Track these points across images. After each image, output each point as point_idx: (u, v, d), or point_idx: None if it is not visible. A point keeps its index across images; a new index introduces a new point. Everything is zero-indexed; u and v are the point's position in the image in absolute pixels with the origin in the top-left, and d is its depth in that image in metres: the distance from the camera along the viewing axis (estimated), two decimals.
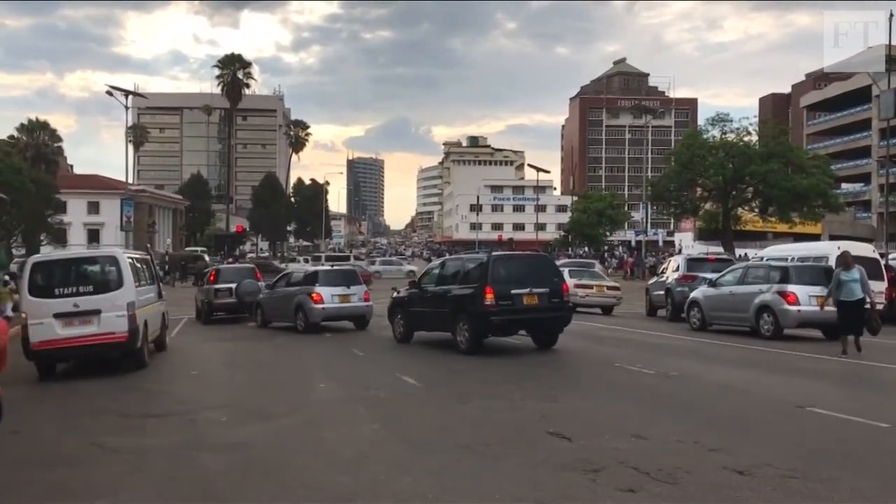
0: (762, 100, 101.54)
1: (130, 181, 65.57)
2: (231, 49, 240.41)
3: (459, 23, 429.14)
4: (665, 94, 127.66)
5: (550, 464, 6.03)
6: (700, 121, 67.56)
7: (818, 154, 51.72)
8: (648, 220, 64.70)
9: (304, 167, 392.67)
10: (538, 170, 74.64)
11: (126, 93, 43.66)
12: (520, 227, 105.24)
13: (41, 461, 6.84)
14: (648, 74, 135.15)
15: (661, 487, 5.36)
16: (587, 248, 70.24)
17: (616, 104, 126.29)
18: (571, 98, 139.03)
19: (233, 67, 79.48)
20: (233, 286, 21.63)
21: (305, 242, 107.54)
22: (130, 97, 44.43)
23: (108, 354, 12.14)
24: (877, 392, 9.77)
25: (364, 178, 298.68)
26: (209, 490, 5.77)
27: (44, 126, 61.98)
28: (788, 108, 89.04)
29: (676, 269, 21.36)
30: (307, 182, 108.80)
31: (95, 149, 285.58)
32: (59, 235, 50.93)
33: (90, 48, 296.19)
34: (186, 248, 72.47)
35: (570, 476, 5.68)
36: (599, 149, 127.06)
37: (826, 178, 42.85)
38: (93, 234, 66.17)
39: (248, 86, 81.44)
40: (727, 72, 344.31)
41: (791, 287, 15.31)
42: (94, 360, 12.47)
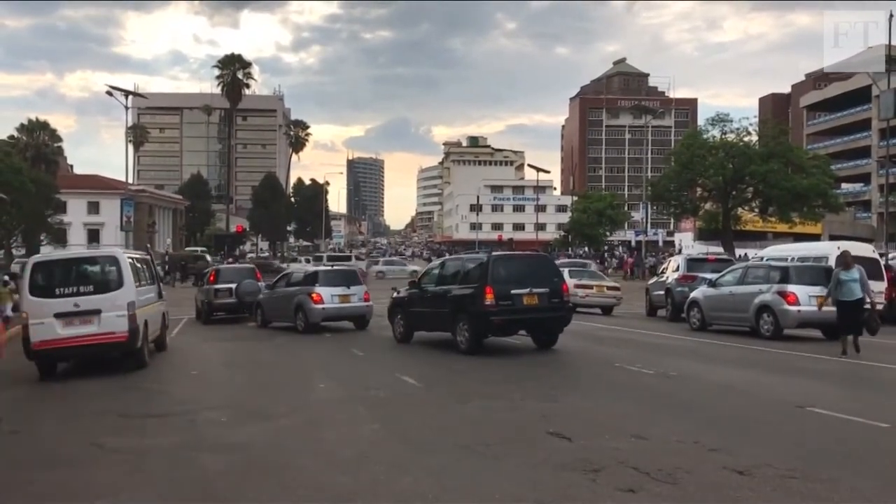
0: (762, 100, 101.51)
1: (130, 181, 65.58)
2: (231, 49, 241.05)
3: (459, 23, 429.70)
4: (665, 95, 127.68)
5: (550, 464, 6.03)
6: (700, 121, 67.65)
7: (818, 154, 51.70)
8: (648, 220, 64.73)
9: (304, 167, 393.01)
10: (538, 170, 74.66)
11: (126, 93, 43.68)
12: (520, 227, 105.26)
13: (41, 461, 6.84)
14: (648, 74, 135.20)
15: (661, 487, 5.37)
16: (587, 249, 70.27)
17: (616, 104, 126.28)
18: (571, 98, 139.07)
19: (233, 67, 79.47)
20: (233, 286, 21.65)
21: (305, 242, 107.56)
22: (130, 97, 44.44)
23: (109, 354, 12.18)
24: (877, 392, 9.77)
25: (364, 178, 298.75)
26: (209, 490, 5.77)
27: (44, 126, 62.03)
28: (788, 108, 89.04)
29: (676, 270, 21.37)
30: (307, 182, 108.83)
31: (95, 149, 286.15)
32: (59, 235, 50.93)
33: (90, 48, 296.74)
34: (186, 249, 72.50)
35: (570, 476, 5.69)
36: (599, 149, 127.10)
37: (826, 179, 42.83)
38: (93, 234, 66.20)
39: (248, 86, 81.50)
40: (727, 72, 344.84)
41: (791, 287, 15.32)
42: (95, 360, 12.50)
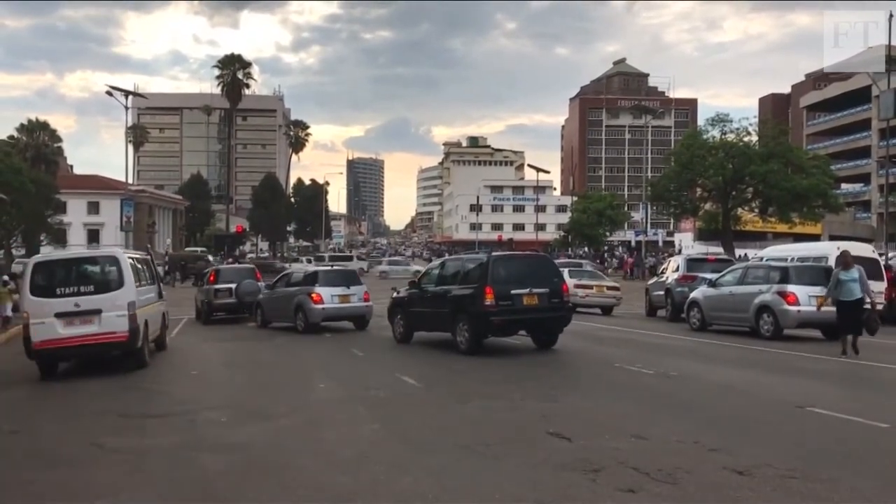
0: (762, 100, 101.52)
1: (130, 181, 65.63)
2: (231, 49, 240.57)
3: (459, 23, 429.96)
4: (665, 95, 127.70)
5: (550, 464, 6.03)
6: (700, 121, 67.67)
7: (818, 154, 51.67)
8: (648, 221, 64.78)
9: (304, 167, 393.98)
10: (538, 170, 74.64)
11: (126, 93, 43.68)
12: (520, 228, 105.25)
13: (41, 461, 6.84)
14: (648, 75, 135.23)
15: (661, 487, 5.37)
16: (587, 249, 70.27)
17: (616, 104, 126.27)
18: (571, 98, 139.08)
19: (233, 67, 79.47)
20: (232, 286, 21.66)
21: (305, 243, 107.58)
22: (130, 97, 44.45)
23: (109, 354, 12.21)
24: (877, 392, 9.77)
25: (364, 179, 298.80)
26: (209, 490, 5.77)
27: (44, 126, 62.02)
28: (788, 109, 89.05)
29: (676, 270, 21.37)
30: (307, 182, 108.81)
31: (95, 149, 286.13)
32: (59, 236, 50.83)
33: (90, 48, 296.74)
34: (186, 249, 72.50)
35: (570, 476, 5.69)
36: (599, 149, 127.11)
37: (826, 179, 42.80)
38: (93, 235, 66.20)
39: (248, 86, 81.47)
40: (727, 72, 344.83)
41: (791, 287, 15.31)
42: (95, 360, 12.51)
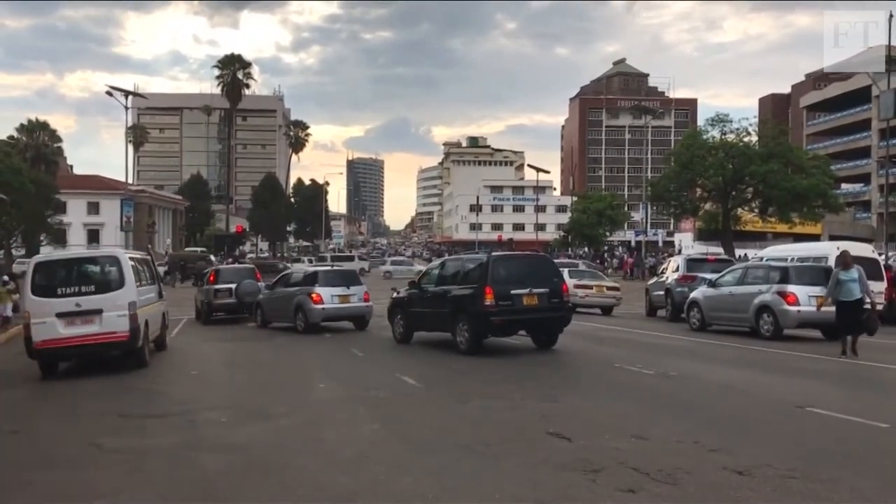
0: (762, 100, 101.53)
1: (130, 181, 65.70)
2: (231, 49, 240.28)
3: (459, 23, 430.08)
4: (665, 95, 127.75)
5: (550, 464, 6.03)
6: (700, 121, 67.66)
7: (818, 154, 51.66)
8: (648, 221, 64.80)
9: (304, 167, 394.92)
10: (538, 170, 74.65)
11: (126, 93, 43.70)
12: (520, 228, 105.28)
13: (41, 461, 6.84)
14: (648, 75, 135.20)
15: (661, 488, 5.37)
16: (587, 249, 70.26)
17: (616, 104, 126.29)
18: (571, 98, 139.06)
19: (233, 68, 79.49)
20: (232, 287, 21.65)
21: (305, 243, 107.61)
22: (130, 97, 44.47)
23: (110, 353, 12.23)
24: (876, 392, 9.77)
25: (364, 179, 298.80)
26: (209, 490, 5.77)
27: (44, 126, 62.08)
28: (788, 109, 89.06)
29: (676, 270, 21.37)
30: (307, 182, 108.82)
31: (95, 149, 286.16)
32: (59, 236, 50.85)
33: (90, 48, 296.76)
34: (186, 249, 72.50)
35: (570, 476, 5.69)
36: (599, 149, 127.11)
37: (826, 179, 42.79)
38: (93, 235, 66.24)
39: (248, 86, 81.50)
40: (727, 72, 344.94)
41: (791, 287, 15.31)
42: (95, 360, 12.52)
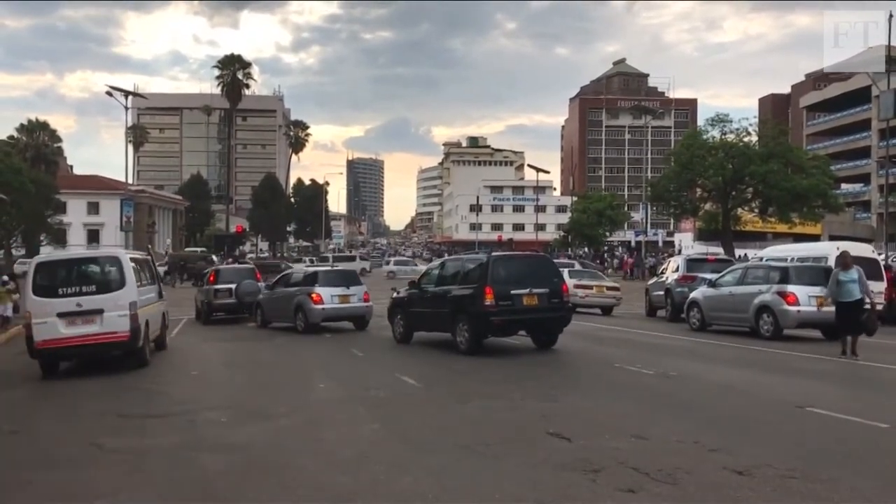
0: (762, 100, 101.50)
1: (130, 181, 65.69)
2: (231, 49, 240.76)
3: (459, 23, 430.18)
4: (665, 95, 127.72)
5: (550, 464, 6.03)
6: (700, 121, 67.69)
7: (818, 154, 51.65)
8: (648, 221, 64.81)
9: (304, 167, 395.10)
10: (538, 170, 74.64)
11: (126, 93, 43.69)
12: (520, 228, 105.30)
13: (41, 461, 6.84)
14: (648, 75, 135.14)
15: (661, 488, 5.37)
16: (587, 249, 70.25)
17: (616, 105, 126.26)
18: (571, 98, 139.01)
19: (232, 68, 79.50)
20: (232, 287, 21.64)
21: (305, 243, 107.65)
22: (130, 97, 44.45)
23: (111, 353, 12.25)
24: (876, 392, 9.77)
25: (364, 179, 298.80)
26: (209, 490, 5.77)
27: (43, 126, 62.11)
28: (788, 109, 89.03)
29: (676, 270, 21.37)
30: (307, 182, 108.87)
31: (95, 149, 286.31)
32: (59, 236, 50.89)
33: (90, 48, 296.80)
34: (186, 249, 72.50)
35: (570, 476, 5.69)
36: (599, 149, 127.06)
37: (826, 179, 42.79)
38: (93, 235, 66.20)
39: (248, 86, 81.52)
40: (727, 72, 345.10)
41: (791, 287, 15.31)
42: (95, 360, 12.54)
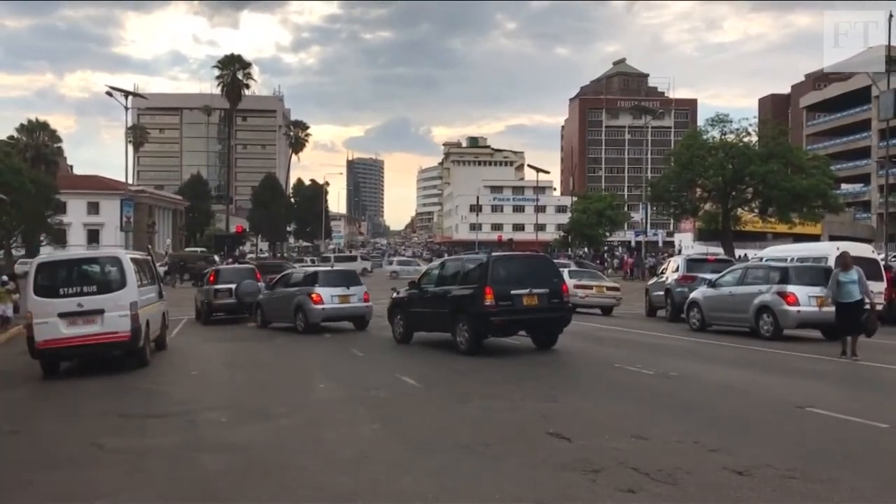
0: (762, 100, 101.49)
1: (130, 182, 65.75)
2: (231, 49, 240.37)
3: (459, 23, 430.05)
4: (665, 95, 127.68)
5: (550, 464, 6.03)
6: (700, 121, 67.72)
7: (818, 155, 51.63)
8: (648, 221, 64.81)
9: (304, 167, 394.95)
10: (538, 170, 74.68)
11: (126, 93, 43.79)
12: (520, 228, 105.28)
13: (41, 461, 6.84)
14: (648, 75, 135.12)
15: (661, 488, 5.37)
16: (587, 249, 70.25)
17: (616, 105, 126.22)
18: (571, 98, 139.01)
19: (232, 68, 79.51)
20: (232, 287, 21.64)
21: (305, 243, 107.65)
22: (130, 98, 44.58)
23: (111, 353, 12.28)
24: (876, 392, 9.78)
25: (364, 179, 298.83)
26: (209, 490, 5.77)
27: (43, 126, 62.11)
28: (788, 109, 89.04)
29: (676, 270, 21.38)
30: (307, 182, 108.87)
31: (95, 149, 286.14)
32: (59, 236, 50.89)
33: (90, 48, 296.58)
34: (186, 249, 72.51)
35: (570, 476, 5.69)
36: (599, 149, 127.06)
37: (826, 179, 42.79)
38: (93, 235, 66.18)
39: (248, 86, 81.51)
40: (727, 72, 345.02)
41: (791, 287, 15.31)
42: (95, 360, 12.55)
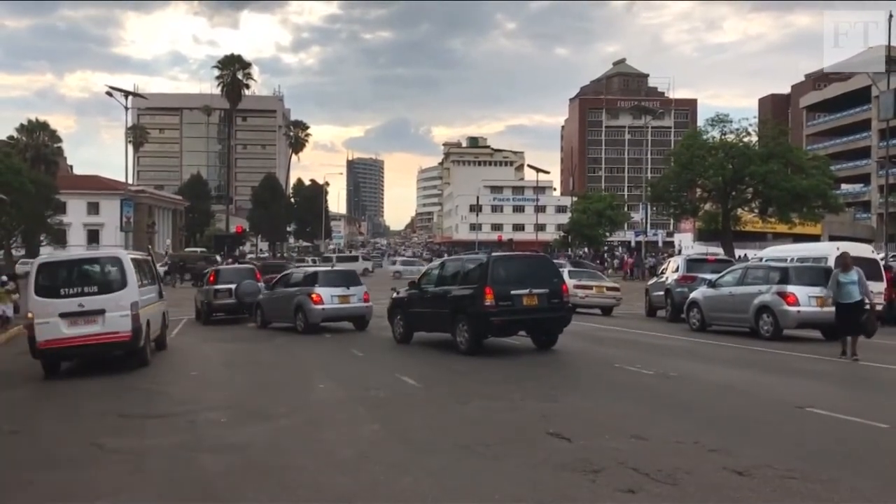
0: (762, 100, 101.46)
1: (130, 182, 65.75)
2: (231, 50, 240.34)
3: (459, 23, 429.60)
4: (665, 95, 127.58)
5: (550, 464, 6.03)
6: (699, 121, 67.73)
7: (818, 155, 51.62)
8: (648, 221, 64.78)
9: (304, 168, 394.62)
10: (538, 170, 74.73)
11: (126, 93, 43.81)
12: (520, 228, 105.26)
13: (41, 461, 6.85)
14: (648, 75, 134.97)
15: (661, 488, 5.37)
16: (587, 249, 70.25)
17: (616, 105, 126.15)
18: (571, 99, 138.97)
19: (232, 68, 79.56)
20: (232, 287, 21.64)
21: (305, 243, 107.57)
22: (130, 98, 44.60)
23: (112, 353, 12.29)
24: (876, 392, 9.79)
25: (364, 179, 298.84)
26: (209, 491, 5.77)
27: (43, 127, 62.08)
28: (788, 109, 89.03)
29: (676, 270, 21.38)
30: (307, 182, 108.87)
31: (95, 149, 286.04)
32: (59, 236, 50.88)
33: (90, 49, 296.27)
34: (186, 249, 72.51)
35: (570, 476, 5.69)
36: (599, 149, 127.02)
37: (826, 179, 42.79)
38: (92, 235, 66.15)
39: (248, 86, 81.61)
40: (727, 72, 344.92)
41: (790, 288, 15.31)
42: (95, 360, 12.56)
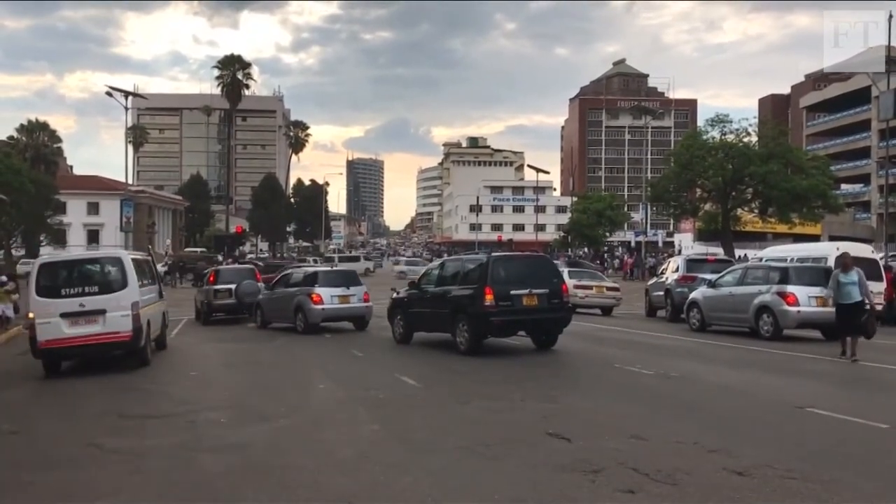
0: (761, 100, 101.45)
1: (130, 182, 65.73)
2: (230, 50, 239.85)
3: (459, 23, 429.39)
4: (664, 95, 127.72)
5: (550, 464, 6.03)
6: (699, 121, 67.82)
7: (818, 155, 51.62)
8: (648, 221, 64.87)
9: (304, 168, 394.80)
10: (538, 170, 74.68)
11: (126, 93, 43.81)
12: (519, 228, 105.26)
13: (41, 462, 6.84)
14: (648, 75, 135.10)
15: (661, 488, 5.37)
16: (587, 249, 70.26)
17: (616, 105, 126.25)
18: (571, 99, 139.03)
19: (232, 68, 79.53)
20: (232, 287, 21.64)
21: (305, 243, 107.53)
22: (130, 98, 44.60)
23: (113, 353, 12.32)
24: (876, 393, 9.78)
25: (364, 179, 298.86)
26: (209, 491, 5.77)
27: (43, 127, 62.11)
28: (788, 109, 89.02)
29: (676, 270, 21.38)
30: (307, 183, 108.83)
31: (95, 149, 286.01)
32: (59, 236, 50.87)
33: (90, 49, 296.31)
34: (186, 249, 72.52)
35: (570, 477, 5.69)
36: (599, 150, 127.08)
37: (826, 179, 42.80)
38: (92, 235, 66.14)
39: (248, 86, 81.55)
40: (726, 73, 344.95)
41: (790, 288, 15.31)
42: (95, 360, 12.58)
